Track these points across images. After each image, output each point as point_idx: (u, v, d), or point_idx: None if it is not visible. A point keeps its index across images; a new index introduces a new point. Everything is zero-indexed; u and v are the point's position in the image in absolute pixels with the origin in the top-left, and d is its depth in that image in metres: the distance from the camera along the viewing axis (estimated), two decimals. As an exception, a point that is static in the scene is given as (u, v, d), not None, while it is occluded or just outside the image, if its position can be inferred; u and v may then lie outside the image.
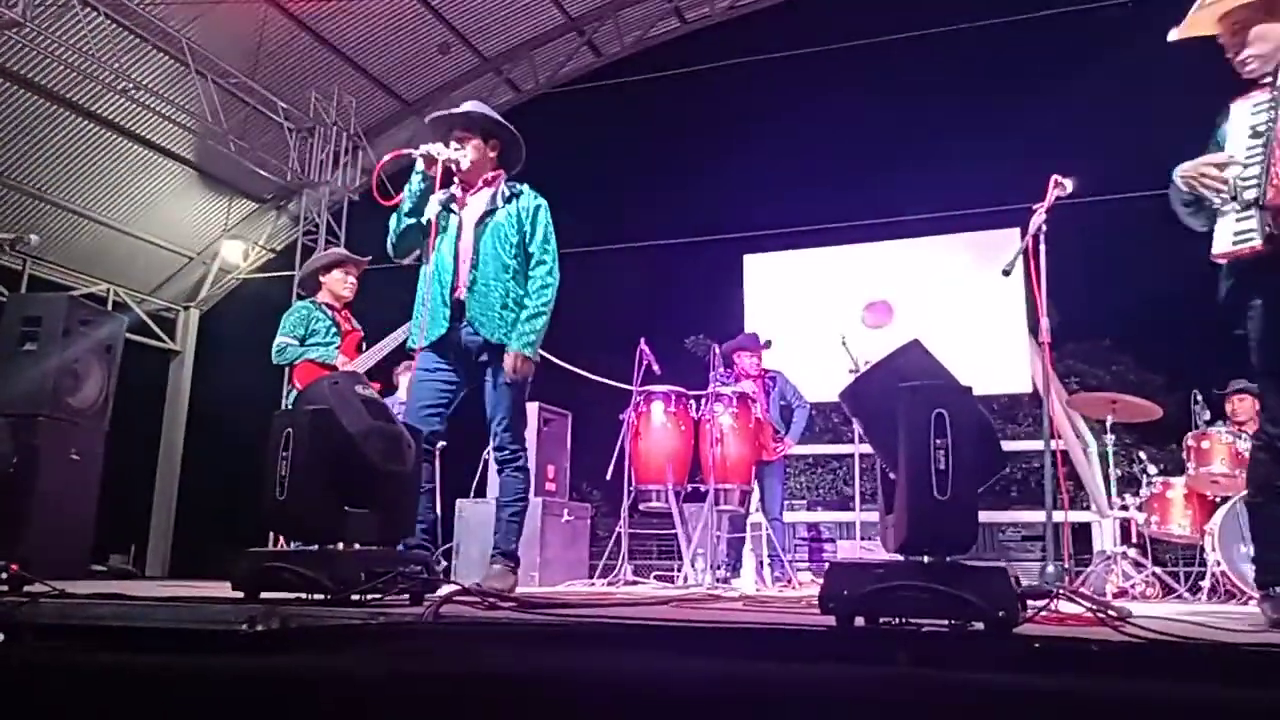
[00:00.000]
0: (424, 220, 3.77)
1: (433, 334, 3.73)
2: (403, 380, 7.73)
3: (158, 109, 9.09)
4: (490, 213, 3.79)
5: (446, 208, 3.79)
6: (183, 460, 10.95)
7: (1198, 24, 3.04)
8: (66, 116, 8.84)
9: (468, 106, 3.96)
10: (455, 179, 3.83)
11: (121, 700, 1.91)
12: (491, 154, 3.88)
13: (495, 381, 3.78)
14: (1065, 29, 10.28)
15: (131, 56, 8.53)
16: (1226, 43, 2.97)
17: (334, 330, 5.31)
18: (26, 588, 2.88)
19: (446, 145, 3.73)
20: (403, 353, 7.81)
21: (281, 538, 4.99)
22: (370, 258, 6.42)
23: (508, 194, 3.84)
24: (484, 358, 3.78)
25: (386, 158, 4.32)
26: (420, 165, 3.71)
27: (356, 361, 6.58)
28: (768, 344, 7.14)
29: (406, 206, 3.75)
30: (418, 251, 3.90)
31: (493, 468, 7.00)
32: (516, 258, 3.77)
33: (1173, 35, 3.11)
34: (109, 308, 9.14)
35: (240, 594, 2.61)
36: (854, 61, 11.17)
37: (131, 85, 8.57)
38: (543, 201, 3.88)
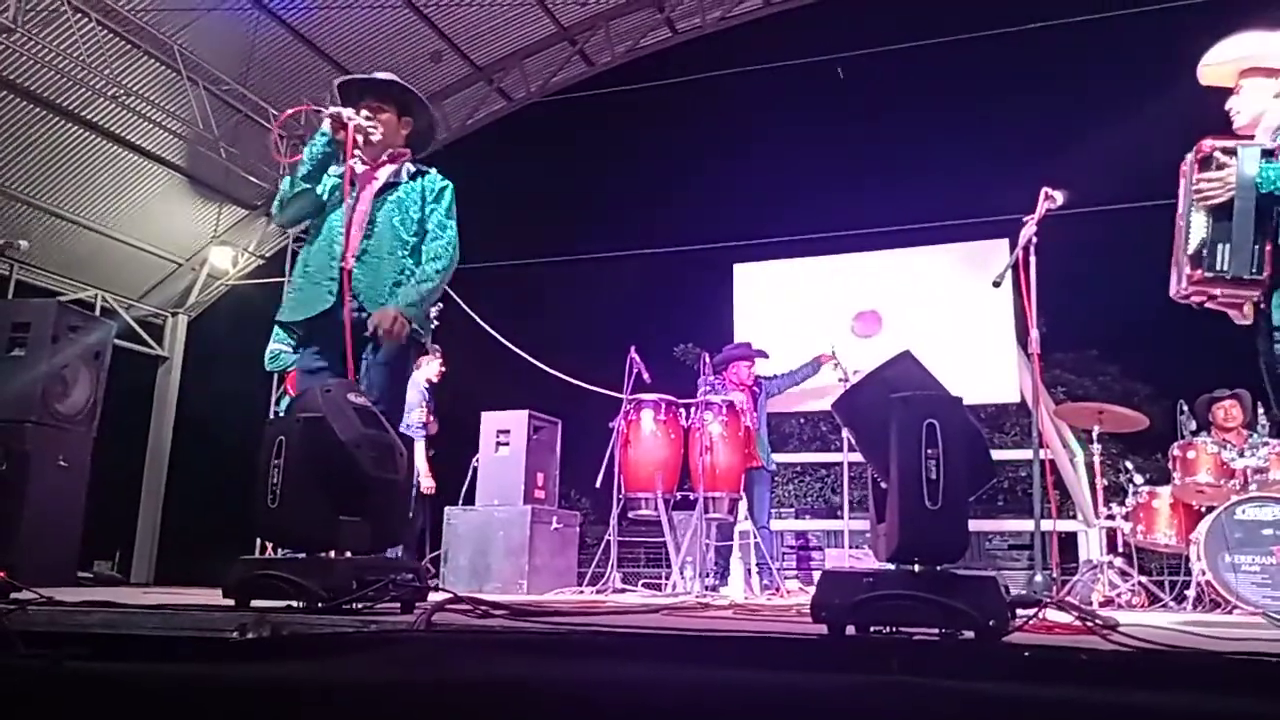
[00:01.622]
0: (318, 190, 3.51)
1: (314, 309, 3.41)
2: (418, 372, 7.71)
3: (148, 115, 9.07)
4: (393, 186, 3.54)
5: (348, 180, 3.46)
6: (170, 466, 10.90)
7: (1221, 76, 3.33)
8: (56, 122, 8.81)
9: (386, 76, 3.68)
10: (358, 152, 3.50)
11: (111, 708, 1.91)
12: (403, 131, 3.64)
13: (373, 359, 3.41)
14: (1056, 42, 10.37)
15: (122, 62, 8.51)
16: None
17: None
18: (14, 595, 2.87)
19: (358, 113, 3.44)
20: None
21: (271, 545, 4.97)
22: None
23: (413, 170, 3.60)
24: (364, 338, 3.42)
25: (290, 110, 3.93)
26: (327, 126, 3.41)
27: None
28: (763, 354, 7.18)
29: (304, 169, 3.46)
30: (306, 223, 3.62)
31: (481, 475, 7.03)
32: (416, 234, 3.53)
33: (1204, 77, 3.37)
34: (97, 313, 9.12)
35: (231, 601, 2.61)
36: (845, 72, 11.22)
37: (122, 91, 8.55)
38: (450, 184, 3.65)
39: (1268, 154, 3.13)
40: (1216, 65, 3.35)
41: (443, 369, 7.62)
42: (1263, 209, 3.13)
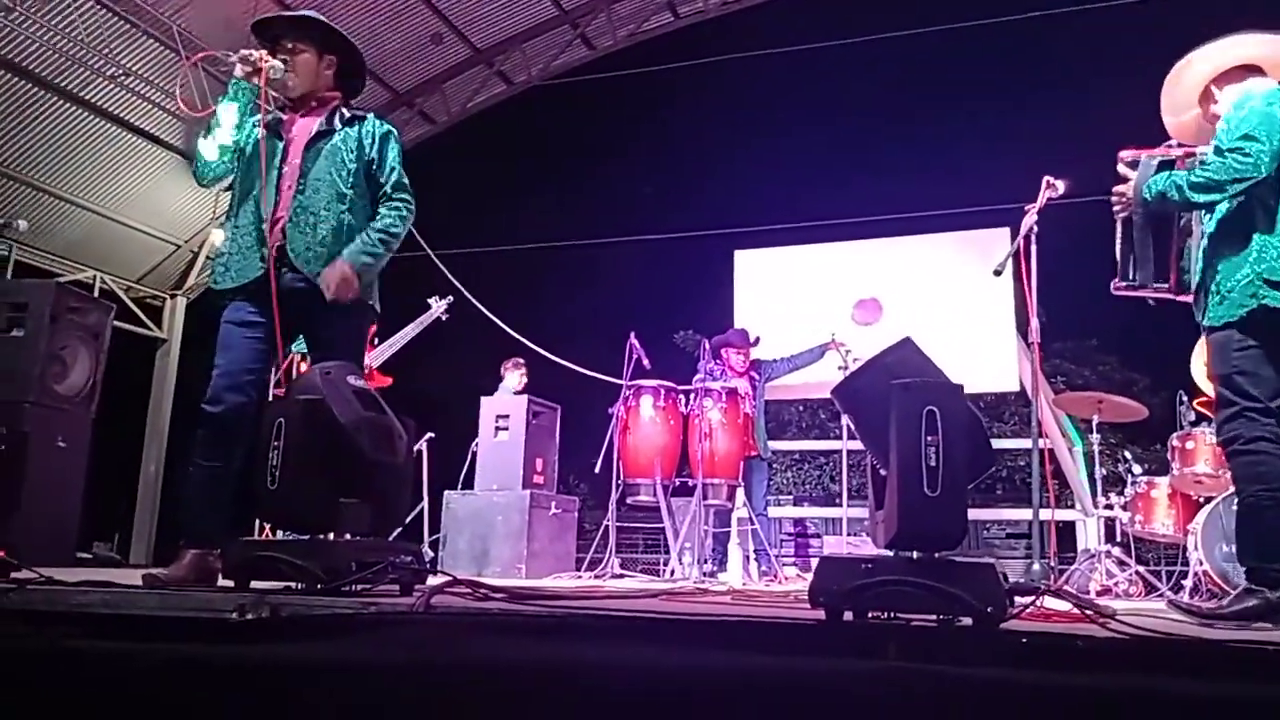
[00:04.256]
0: (240, 141, 3.24)
1: (245, 275, 3.16)
2: (509, 376, 7.75)
3: (147, 95, 9.03)
4: (325, 134, 3.24)
5: (272, 131, 3.21)
6: (168, 448, 10.89)
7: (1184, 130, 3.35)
8: (55, 102, 8.76)
9: (302, 12, 3.38)
10: (283, 99, 3.28)
11: (109, 688, 1.91)
12: (327, 71, 3.33)
13: (326, 336, 3.21)
14: (1058, 29, 10.33)
15: (121, 42, 8.46)
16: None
17: None
18: (13, 574, 2.87)
19: (274, 56, 3.18)
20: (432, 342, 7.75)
21: (270, 526, 4.97)
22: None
23: (348, 115, 3.31)
24: (309, 309, 3.17)
25: (196, 57, 3.51)
26: (239, 73, 3.16)
27: (372, 355, 6.61)
28: (756, 340, 7.16)
29: (219, 119, 3.20)
30: (230, 179, 3.35)
31: (480, 462, 7.04)
32: (354, 187, 3.22)
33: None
34: (96, 295, 9.10)
35: (230, 582, 2.61)
36: (847, 58, 11.21)
37: (121, 71, 8.51)
38: (392, 129, 3.36)
39: (1166, 164, 3.18)
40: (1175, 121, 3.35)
41: (524, 378, 7.70)
42: (1160, 218, 3.24)
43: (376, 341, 6.84)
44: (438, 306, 7.45)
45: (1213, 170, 2.91)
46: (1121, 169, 3.28)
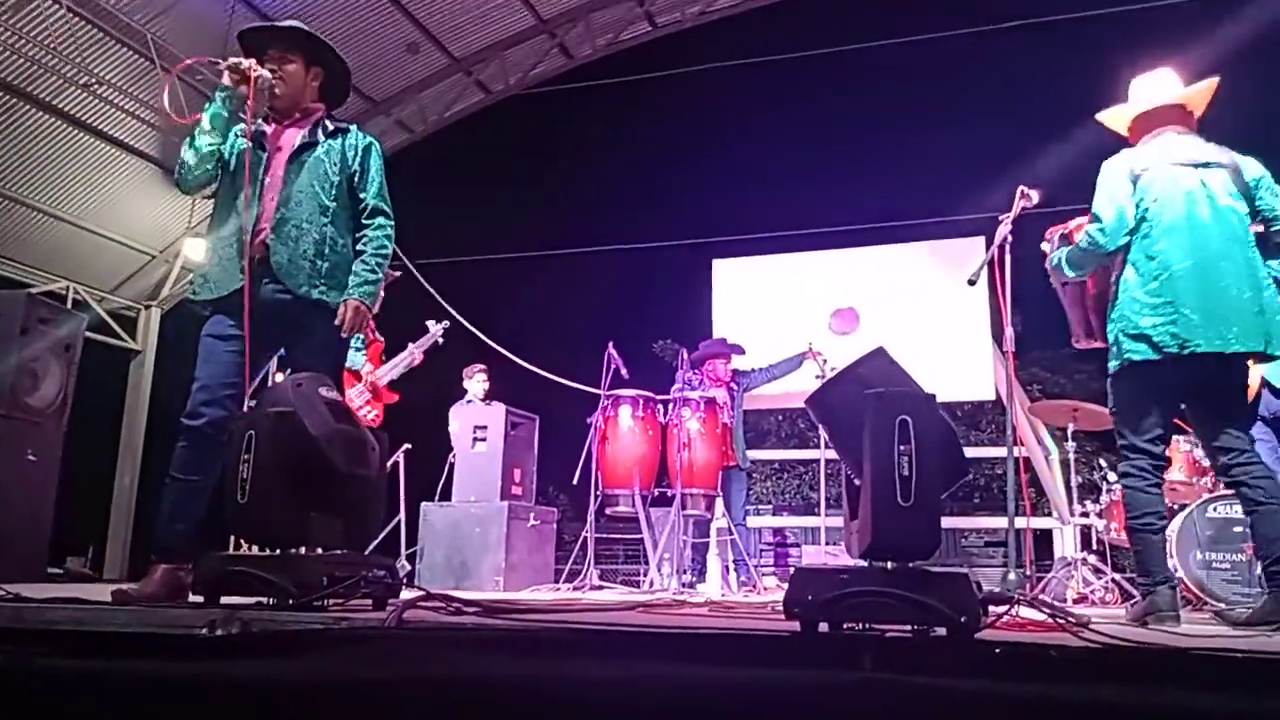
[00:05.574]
0: (223, 149, 3.24)
1: (226, 287, 3.14)
2: (471, 384, 7.70)
3: (121, 104, 8.96)
4: (309, 146, 3.26)
5: (256, 141, 3.21)
6: (142, 462, 10.77)
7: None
8: (27, 110, 8.67)
9: (289, 23, 3.44)
10: (267, 109, 3.29)
11: (80, 705, 1.88)
12: (313, 82, 3.37)
13: (307, 348, 3.21)
14: (1032, 41, 10.43)
15: (94, 50, 8.39)
16: None
17: (361, 338, 5.24)
18: (-21, 591, 2.82)
19: (261, 65, 3.21)
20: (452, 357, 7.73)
21: (243, 541, 4.92)
22: (399, 274, 6.31)
23: (331, 128, 3.33)
24: (291, 321, 3.19)
25: (184, 63, 3.64)
26: (227, 80, 3.17)
27: (379, 371, 6.58)
28: (739, 349, 7.18)
29: (205, 126, 3.19)
30: (214, 187, 3.34)
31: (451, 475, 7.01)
32: (337, 199, 3.24)
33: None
34: (68, 306, 9.00)
35: (200, 598, 2.58)
36: (826, 68, 11.26)
37: (94, 80, 8.44)
38: (375, 142, 3.39)
39: (1064, 238, 3.60)
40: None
41: (486, 383, 7.66)
42: (1071, 284, 3.64)
43: (384, 358, 6.82)
44: (436, 330, 7.41)
45: (1074, 248, 3.36)
46: (1044, 246, 3.68)
